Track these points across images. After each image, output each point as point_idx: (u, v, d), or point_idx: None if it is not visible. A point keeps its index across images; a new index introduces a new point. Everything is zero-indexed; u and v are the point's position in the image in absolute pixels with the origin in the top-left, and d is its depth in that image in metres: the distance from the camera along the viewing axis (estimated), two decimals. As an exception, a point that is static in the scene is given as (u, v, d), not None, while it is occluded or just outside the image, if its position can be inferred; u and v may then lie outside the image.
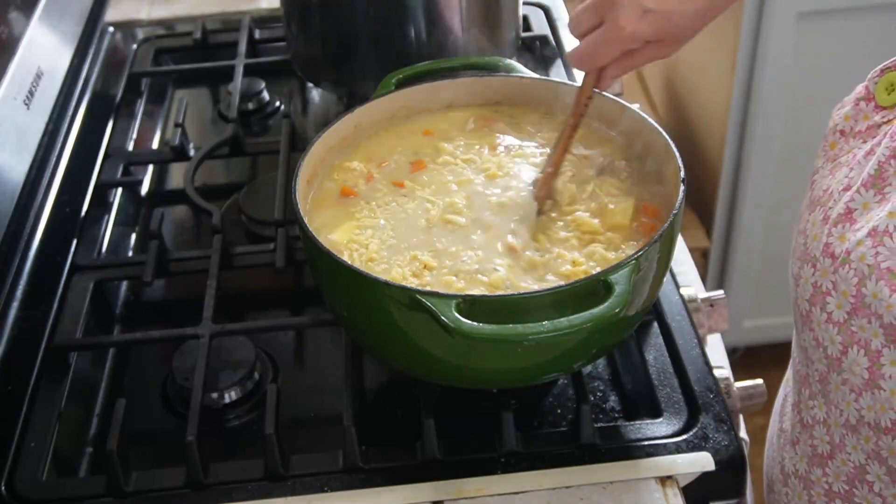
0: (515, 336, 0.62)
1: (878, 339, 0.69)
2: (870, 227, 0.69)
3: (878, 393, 0.70)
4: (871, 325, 0.69)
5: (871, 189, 0.70)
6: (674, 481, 0.74)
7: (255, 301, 0.98)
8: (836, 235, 0.72)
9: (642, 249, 0.67)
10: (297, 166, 0.79)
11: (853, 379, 0.72)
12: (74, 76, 1.17)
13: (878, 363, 0.69)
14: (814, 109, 1.82)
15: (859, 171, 0.72)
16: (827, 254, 0.72)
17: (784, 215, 1.96)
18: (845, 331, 0.71)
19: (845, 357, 0.72)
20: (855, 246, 0.69)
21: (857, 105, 0.76)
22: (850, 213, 0.71)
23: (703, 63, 2.05)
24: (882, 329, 0.68)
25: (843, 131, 0.77)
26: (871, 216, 0.70)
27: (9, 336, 0.86)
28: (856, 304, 0.70)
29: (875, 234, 0.68)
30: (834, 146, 0.78)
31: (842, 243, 0.71)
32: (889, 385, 0.69)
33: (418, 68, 0.92)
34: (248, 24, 1.29)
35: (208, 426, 0.80)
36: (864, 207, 0.71)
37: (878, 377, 0.70)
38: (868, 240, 0.69)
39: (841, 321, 0.72)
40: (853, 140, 0.76)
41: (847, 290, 0.70)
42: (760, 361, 2.13)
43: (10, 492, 0.75)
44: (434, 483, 0.74)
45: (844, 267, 0.70)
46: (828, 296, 0.72)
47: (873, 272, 0.68)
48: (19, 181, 0.96)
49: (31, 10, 1.08)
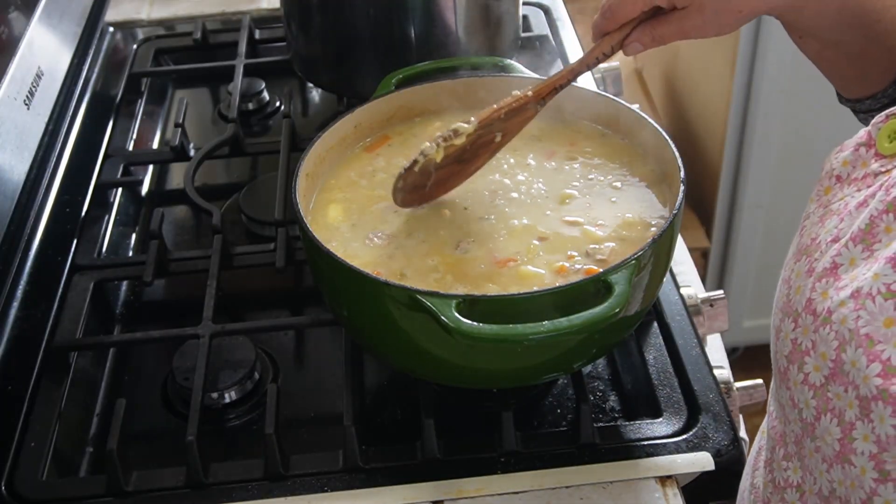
0: (516, 336, 0.62)
1: (853, 411, 0.64)
2: (854, 286, 0.64)
3: (847, 468, 0.65)
4: (846, 395, 0.64)
5: (859, 244, 0.66)
6: (673, 481, 0.74)
7: (255, 301, 0.98)
8: (820, 291, 0.67)
9: (642, 249, 0.67)
10: (297, 166, 0.79)
11: (825, 448, 0.67)
12: (74, 76, 1.17)
13: (850, 436, 0.64)
14: (813, 110, 1.82)
15: (850, 223, 0.67)
16: (809, 310, 0.68)
17: (784, 215, 1.97)
18: (821, 396, 0.66)
19: (818, 424, 0.67)
20: (837, 306, 0.64)
21: (857, 150, 0.71)
22: (835, 269, 0.67)
23: (703, 63, 2.05)
24: (857, 400, 0.63)
25: (840, 177, 0.72)
26: (856, 274, 0.65)
27: (9, 336, 0.86)
28: (834, 370, 0.65)
29: (858, 295, 0.64)
30: (828, 191, 0.73)
31: (824, 300, 0.66)
32: (860, 461, 0.63)
33: (418, 68, 0.92)
34: (248, 24, 1.30)
35: (208, 426, 0.80)
36: (850, 263, 0.66)
37: (849, 451, 0.64)
38: (851, 301, 0.64)
39: (818, 385, 0.67)
40: (848, 187, 0.71)
41: (826, 353, 0.65)
42: (760, 361, 2.11)
43: (10, 492, 0.75)
44: (434, 483, 0.73)
45: (825, 327, 0.65)
46: (806, 355, 0.68)
47: (853, 337, 0.63)
48: (19, 181, 0.96)
49: (31, 10, 1.08)
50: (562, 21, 1.32)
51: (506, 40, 1.12)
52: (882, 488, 0.63)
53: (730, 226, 2.05)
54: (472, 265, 0.74)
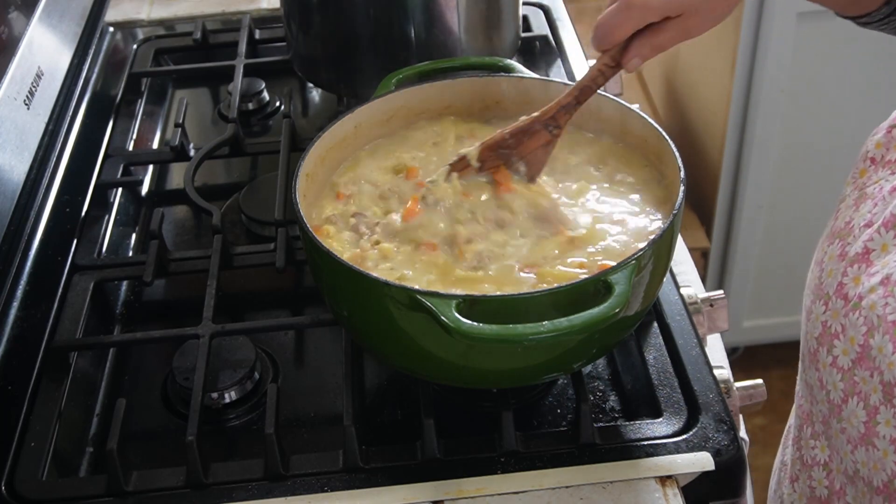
0: (515, 336, 0.62)
1: (877, 395, 0.65)
2: (884, 273, 0.65)
3: (871, 450, 0.66)
4: (872, 379, 0.65)
5: (891, 230, 0.66)
6: (674, 481, 0.73)
7: (255, 301, 0.98)
8: (852, 276, 0.68)
9: (642, 249, 0.67)
10: (297, 166, 0.79)
11: (850, 430, 0.68)
12: (74, 76, 1.17)
13: (874, 420, 0.66)
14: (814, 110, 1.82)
15: (883, 208, 0.68)
16: (840, 294, 0.68)
17: (784, 215, 1.97)
18: (848, 379, 0.68)
19: (845, 406, 0.68)
20: (868, 292, 0.65)
21: (890, 133, 0.71)
22: (867, 254, 0.67)
23: (703, 63, 2.05)
24: (881, 385, 0.65)
25: (874, 159, 0.72)
26: (888, 260, 0.65)
27: (9, 336, 0.86)
28: (861, 354, 0.66)
29: (888, 282, 0.64)
30: (863, 174, 0.73)
31: (856, 286, 0.67)
32: (882, 444, 0.65)
33: (418, 68, 0.92)
34: (248, 24, 1.29)
35: (208, 426, 0.80)
36: (882, 249, 0.66)
37: (872, 434, 0.66)
38: (881, 288, 0.65)
39: (845, 368, 0.68)
40: (882, 170, 0.71)
41: (855, 338, 0.67)
42: (760, 361, 2.13)
43: (10, 492, 0.75)
44: (434, 483, 0.74)
45: (855, 312, 0.66)
46: (836, 339, 0.69)
47: (881, 324, 0.64)
48: (19, 181, 0.96)
49: (31, 10, 1.08)
50: (562, 21, 1.32)
51: (506, 40, 1.12)
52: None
53: (730, 226, 2.05)
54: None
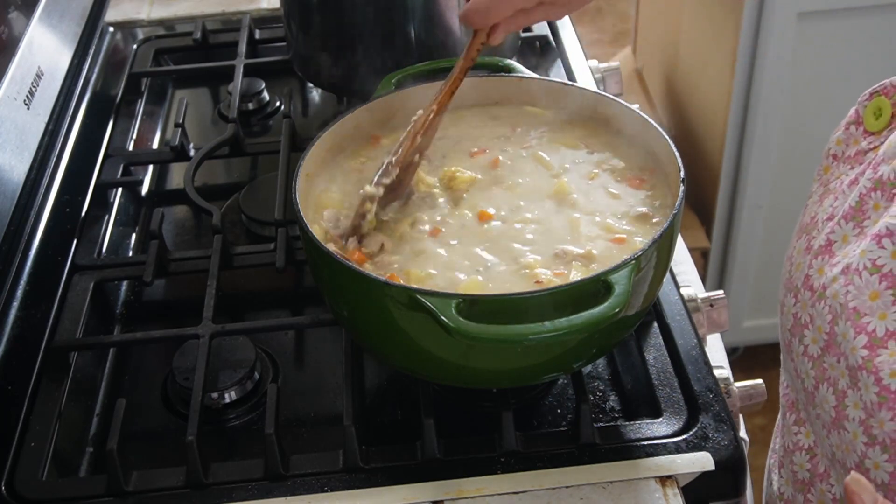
0: (515, 336, 0.62)
1: (844, 380, 0.68)
2: (845, 262, 0.68)
3: (843, 433, 0.69)
4: (839, 365, 0.68)
5: (850, 221, 0.69)
6: (674, 481, 0.74)
7: (255, 301, 0.98)
8: (816, 268, 0.71)
9: (642, 249, 0.67)
10: (297, 166, 0.79)
11: (823, 415, 0.71)
12: (74, 76, 1.17)
13: (843, 403, 0.68)
14: (814, 109, 1.82)
15: (843, 201, 0.71)
16: (807, 286, 0.71)
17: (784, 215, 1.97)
18: (818, 366, 0.70)
19: (817, 392, 0.71)
20: (831, 282, 0.68)
21: (848, 129, 0.74)
22: (830, 246, 0.70)
23: (703, 63, 2.05)
24: (847, 370, 0.67)
25: (836, 155, 0.75)
26: (848, 251, 0.68)
27: (9, 336, 0.86)
28: (828, 342, 0.69)
29: (848, 271, 0.67)
30: (827, 170, 0.76)
31: (820, 276, 0.70)
32: (852, 427, 0.68)
33: (418, 68, 0.92)
34: (248, 24, 1.30)
35: (208, 426, 0.80)
36: (843, 240, 0.69)
37: (842, 417, 0.69)
38: (842, 277, 0.67)
39: (815, 356, 0.71)
40: (842, 165, 0.74)
41: (822, 326, 0.69)
42: (760, 361, 2.13)
43: (10, 492, 0.75)
44: (434, 483, 0.73)
45: (821, 302, 0.69)
46: (805, 329, 0.71)
47: (843, 311, 0.67)
48: (19, 181, 0.96)
49: (31, 10, 1.08)
50: (561, 21, 1.32)
51: (506, 40, 1.12)
52: (871, 451, 0.67)
53: (730, 226, 2.05)
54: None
